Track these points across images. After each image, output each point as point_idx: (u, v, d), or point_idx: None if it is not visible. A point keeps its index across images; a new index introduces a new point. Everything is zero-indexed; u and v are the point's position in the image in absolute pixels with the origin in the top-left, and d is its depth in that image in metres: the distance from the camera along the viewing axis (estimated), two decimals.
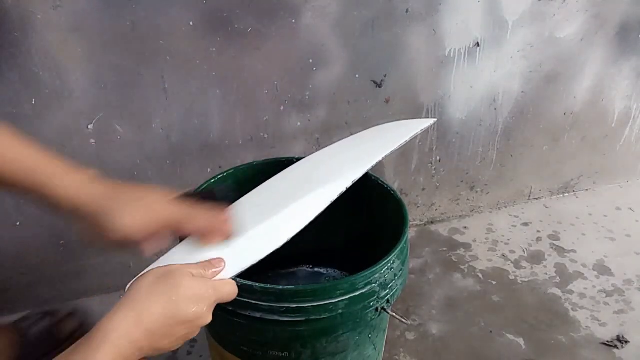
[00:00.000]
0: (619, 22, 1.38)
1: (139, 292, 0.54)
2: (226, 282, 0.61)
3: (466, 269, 1.34)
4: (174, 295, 0.55)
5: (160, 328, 0.53)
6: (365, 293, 0.68)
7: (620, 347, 1.12)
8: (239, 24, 1.04)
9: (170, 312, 0.54)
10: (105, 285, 1.19)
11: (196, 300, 0.56)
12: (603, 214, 1.57)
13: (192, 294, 0.56)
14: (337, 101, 1.21)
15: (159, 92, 1.05)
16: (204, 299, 0.57)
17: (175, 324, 0.55)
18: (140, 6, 0.96)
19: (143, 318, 0.52)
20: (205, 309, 0.57)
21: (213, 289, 0.59)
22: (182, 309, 0.55)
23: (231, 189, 0.78)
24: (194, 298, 0.56)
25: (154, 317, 0.53)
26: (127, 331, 0.51)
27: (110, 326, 0.50)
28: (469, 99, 1.35)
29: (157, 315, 0.53)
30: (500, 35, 1.28)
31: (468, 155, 1.44)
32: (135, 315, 0.52)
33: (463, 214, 1.54)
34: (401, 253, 0.74)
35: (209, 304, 0.58)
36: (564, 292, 1.27)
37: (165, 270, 0.58)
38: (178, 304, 0.54)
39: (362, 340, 0.76)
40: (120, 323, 0.51)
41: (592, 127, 1.55)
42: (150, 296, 0.54)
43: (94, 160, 1.06)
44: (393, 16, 1.16)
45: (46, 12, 0.91)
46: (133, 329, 0.51)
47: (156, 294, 0.54)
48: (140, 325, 0.52)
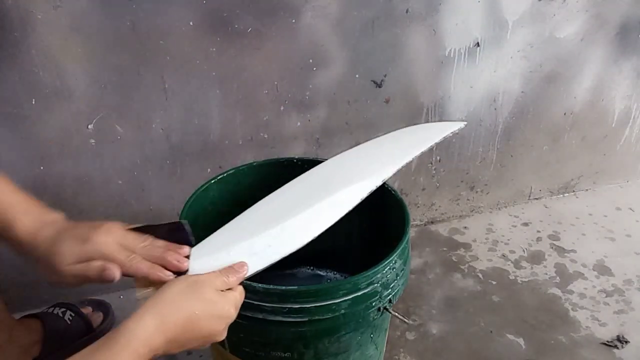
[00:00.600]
0: (619, 22, 1.38)
1: (167, 299, 0.56)
2: (242, 292, 0.63)
3: (466, 269, 1.34)
4: (197, 309, 0.56)
5: (179, 338, 0.55)
6: (367, 293, 0.68)
7: (620, 347, 1.12)
8: (239, 24, 1.04)
9: (192, 325, 0.56)
10: (105, 286, 1.19)
11: (218, 318, 0.58)
12: (603, 214, 1.57)
13: (215, 312, 0.58)
14: (337, 101, 1.21)
15: (159, 92, 1.05)
16: (225, 317, 0.59)
17: (193, 337, 0.56)
18: (140, 6, 0.96)
19: (166, 327, 0.53)
20: (223, 327, 0.59)
21: (235, 309, 0.61)
22: (202, 324, 0.56)
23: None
24: (216, 316, 0.58)
25: (176, 328, 0.54)
26: (150, 338, 0.52)
27: (135, 331, 0.51)
28: (469, 99, 1.35)
29: (180, 327, 0.55)
30: (500, 35, 1.28)
31: (468, 155, 1.44)
32: (159, 324, 0.53)
33: (463, 214, 1.54)
34: (402, 253, 0.74)
35: (228, 323, 0.60)
36: (564, 292, 1.27)
37: (194, 280, 0.59)
38: (200, 318, 0.56)
39: (364, 340, 0.76)
40: (144, 329, 0.52)
41: (592, 127, 1.55)
42: (177, 306, 0.55)
43: (94, 160, 1.06)
44: (393, 16, 1.16)
45: (46, 12, 0.91)
46: (155, 337, 0.52)
47: (182, 305, 0.56)
48: (162, 334, 0.53)
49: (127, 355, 0.50)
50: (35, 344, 0.95)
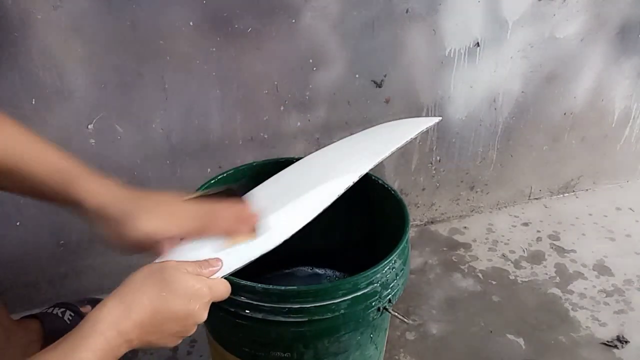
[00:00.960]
0: (619, 22, 1.38)
1: (131, 284, 0.55)
2: (220, 281, 0.61)
3: (466, 269, 1.34)
4: (164, 290, 0.54)
5: (149, 321, 0.53)
6: (367, 293, 0.68)
7: (620, 347, 1.12)
8: (239, 24, 1.04)
9: (160, 305, 0.54)
10: (105, 286, 1.19)
11: (188, 297, 0.56)
12: (603, 214, 1.57)
13: (184, 291, 0.56)
14: (337, 101, 1.21)
15: (159, 92, 1.05)
16: (197, 297, 0.57)
17: (164, 319, 0.54)
18: (140, 6, 0.96)
19: (132, 309, 0.52)
20: (197, 307, 0.57)
21: (208, 288, 0.58)
22: (171, 304, 0.54)
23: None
24: (186, 295, 0.56)
25: (143, 310, 0.53)
26: (116, 321, 0.51)
27: (100, 316, 0.51)
28: (469, 99, 1.35)
29: (146, 307, 0.53)
30: (500, 35, 1.28)
31: (468, 155, 1.44)
32: (124, 307, 0.52)
33: (463, 214, 1.54)
34: (402, 253, 0.74)
35: (203, 303, 0.58)
36: (564, 292, 1.27)
37: (160, 265, 0.58)
38: (167, 299, 0.54)
39: (364, 340, 0.76)
40: (108, 313, 0.51)
41: (592, 127, 1.55)
42: (141, 288, 0.54)
43: (94, 160, 1.05)
44: (393, 16, 1.16)
45: (46, 12, 0.91)
46: (122, 320, 0.51)
47: (147, 287, 0.54)
48: (129, 316, 0.52)
49: (95, 337, 0.49)
50: (34, 344, 0.95)
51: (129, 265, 1.22)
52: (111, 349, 0.50)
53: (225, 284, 0.62)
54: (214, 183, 0.86)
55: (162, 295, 0.54)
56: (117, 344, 0.51)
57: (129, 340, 0.52)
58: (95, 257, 1.16)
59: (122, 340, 0.51)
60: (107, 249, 0.64)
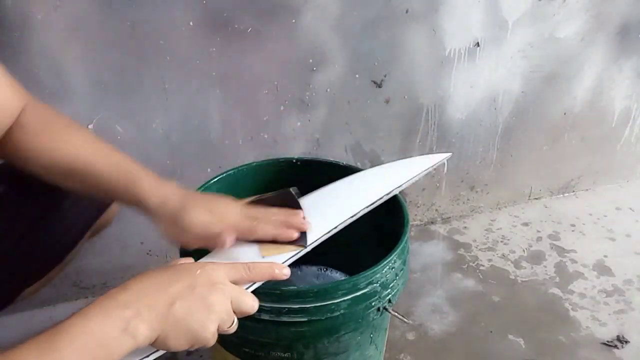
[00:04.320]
0: (619, 22, 1.38)
1: (150, 275, 0.52)
2: (250, 297, 0.56)
3: (466, 269, 1.34)
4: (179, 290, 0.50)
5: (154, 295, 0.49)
6: (367, 293, 0.68)
7: (620, 347, 1.12)
8: (239, 24, 1.04)
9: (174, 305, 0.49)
10: (105, 286, 1.19)
11: (204, 308, 0.50)
12: (603, 214, 1.57)
13: (200, 301, 0.50)
14: (337, 101, 1.21)
15: (159, 92, 1.05)
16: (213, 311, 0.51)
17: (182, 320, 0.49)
18: (140, 6, 0.96)
19: (143, 294, 0.49)
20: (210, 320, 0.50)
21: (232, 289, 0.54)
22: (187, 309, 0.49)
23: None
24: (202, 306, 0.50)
25: (156, 299, 0.49)
26: (126, 301, 0.48)
27: (106, 295, 0.49)
28: (469, 99, 1.35)
29: (160, 301, 0.49)
30: (500, 35, 1.28)
31: (468, 155, 1.44)
32: (137, 290, 0.49)
33: (463, 214, 1.54)
34: (402, 253, 0.74)
35: (219, 319, 0.51)
36: (564, 292, 1.27)
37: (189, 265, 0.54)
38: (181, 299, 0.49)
39: (364, 340, 0.76)
40: (117, 291, 0.49)
41: (592, 127, 1.55)
42: (148, 273, 0.52)
43: None
44: (393, 16, 1.16)
45: (46, 12, 0.91)
46: (120, 291, 0.49)
47: (155, 272, 0.52)
48: (139, 300, 0.48)
49: (90, 308, 0.47)
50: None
51: (129, 266, 1.23)
52: (111, 322, 0.46)
53: (253, 298, 0.56)
54: (214, 183, 0.86)
55: (170, 274, 0.51)
56: (119, 316, 0.46)
57: (127, 307, 0.47)
58: (95, 258, 1.16)
59: (124, 311, 0.47)
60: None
